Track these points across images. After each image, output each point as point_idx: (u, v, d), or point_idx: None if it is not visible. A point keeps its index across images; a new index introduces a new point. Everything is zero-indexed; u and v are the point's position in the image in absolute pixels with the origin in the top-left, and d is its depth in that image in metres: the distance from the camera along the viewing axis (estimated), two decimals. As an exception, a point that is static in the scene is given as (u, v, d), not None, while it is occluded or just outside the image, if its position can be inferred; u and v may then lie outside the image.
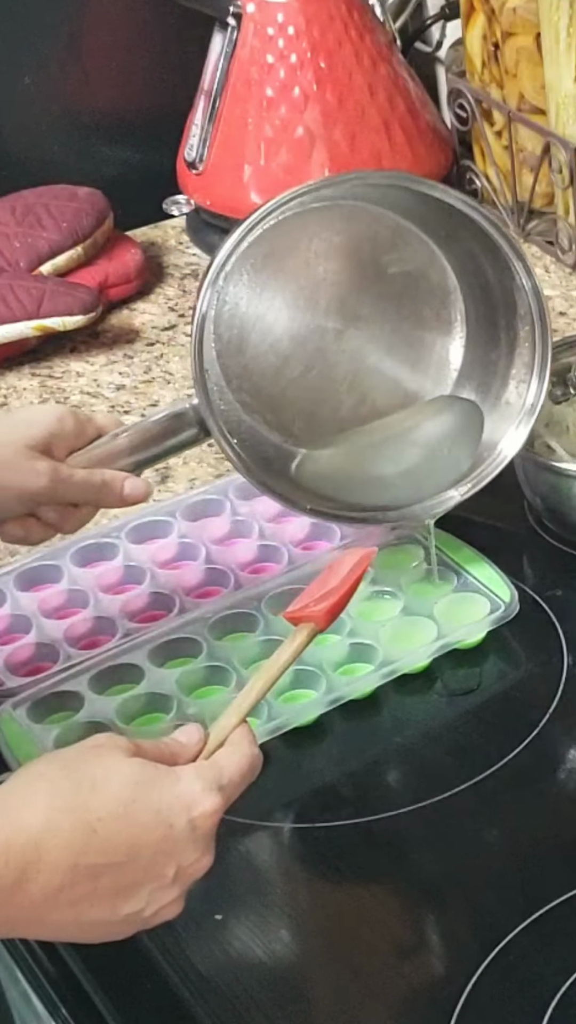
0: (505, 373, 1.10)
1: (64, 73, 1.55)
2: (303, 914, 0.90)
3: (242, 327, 1.06)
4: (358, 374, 1.10)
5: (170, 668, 1.03)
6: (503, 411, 1.09)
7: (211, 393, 1.02)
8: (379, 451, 1.09)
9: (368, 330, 1.10)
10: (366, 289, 1.09)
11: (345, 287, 1.09)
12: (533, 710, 1.00)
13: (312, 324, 1.08)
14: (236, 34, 1.45)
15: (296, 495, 1.06)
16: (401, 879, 0.92)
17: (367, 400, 1.10)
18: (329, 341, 1.09)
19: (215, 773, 0.80)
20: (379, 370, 1.10)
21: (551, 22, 1.36)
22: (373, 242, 1.08)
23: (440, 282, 1.11)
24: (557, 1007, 0.82)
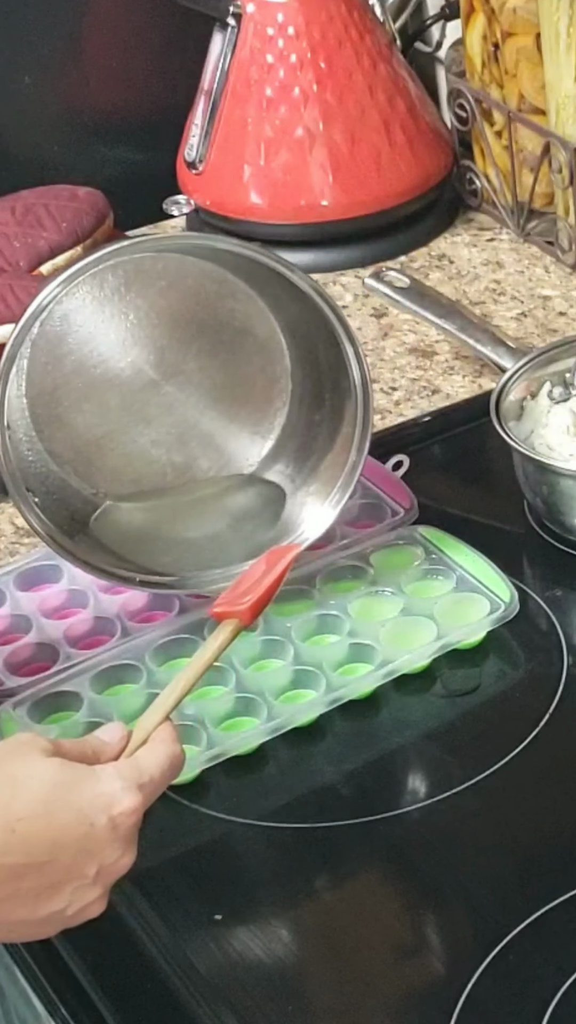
0: (327, 441, 1.08)
1: (64, 73, 1.55)
2: (303, 914, 0.90)
3: (56, 376, 1.06)
4: (175, 429, 1.09)
5: (170, 668, 1.03)
6: (319, 482, 1.08)
7: (18, 444, 1.02)
8: (180, 513, 1.08)
9: (189, 385, 1.09)
10: (188, 343, 1.08)
11: (165, 340, 1.07)
12: (533, 710, 1.00)
13: (130, 376, 1.07)
14: (236, 34, 1.45)
15: (95, 556, 1.05)
16: (401, 879, 0.92)
17: (181, 456, 1.09)
18: (148, 394, 1.08)
19: (135, 771, 0.81)
20: (197, 426, 1.09)
21: (551, 22, 1.36)
22: (197, 296, 1.07)
23: (267, 338, 1.09)
24: (557, 1007, 0.82)
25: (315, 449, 1.09)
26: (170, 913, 0.90)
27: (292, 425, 1.10)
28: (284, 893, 0.92)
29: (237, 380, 1.09)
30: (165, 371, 1.08)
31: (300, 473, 1.10)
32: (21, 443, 1.04)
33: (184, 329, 1.07)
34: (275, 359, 1.10)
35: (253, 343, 1.09)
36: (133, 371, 1.07)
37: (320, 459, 1.09)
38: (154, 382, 1.08)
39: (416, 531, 1.11)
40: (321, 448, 1.09)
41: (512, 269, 1.46)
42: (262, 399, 1.11)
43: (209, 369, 1.09)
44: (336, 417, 1.08)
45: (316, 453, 1.09)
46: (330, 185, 1.44)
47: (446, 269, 1.47)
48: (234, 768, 0.98)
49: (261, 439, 1.11)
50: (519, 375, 1.18)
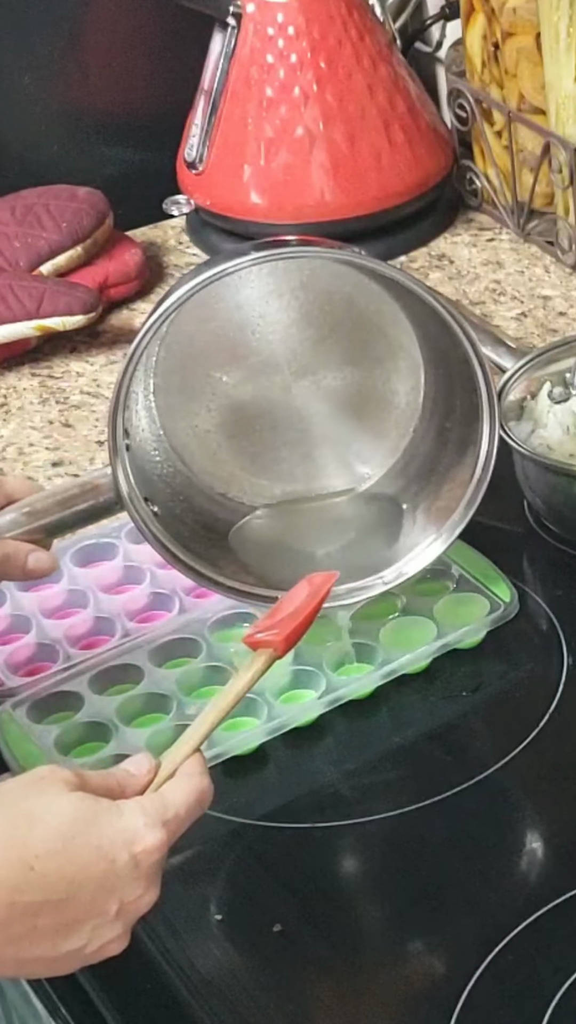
0: (449, 465, 1.05)
1: (64, 73, 1.55)
2: (303, 914, 0.90)
3: (186, 370, 1.03)
4: (304, 432, 1.06)
5: (170, 668, 1.03)
6: (435, 508, 1.05)
7: (143, 444, 1.01)
8: (307, 527, 1.06)
9: (319, 387, 1.06)
10: (321, 342, 1.05)
11: (298, 338, 1.04)
12: (533, 710, 1.00)
13: (261, 374, 1.05)
14: (236, 34, 1.45)
15: (216, 569, 1.03)
16: (401, 879, 0.92)
17: (308, 460, 1.07)
18: (278, 393, 1.05)
19: (160, 807, 0.79)
20: (326, 430, 1.07)
21: (551, 22, 1.36)
22: (331, 296, 1.04)
23: (401, 345, 1.05)
24: (557, 1007, 0.82)
25: (437, 472, 1.06)
26: (170, 913, 0.90)
27: (419, 441, 1.07)
28: (284, 893, 0.92)
29: (368, 385, 1.06)
30: (296, 370, 1.05)
31: (420, 495, 1.06)
32: (147, 442, 1.02)
33: (317, 328, 1.04)
34: (409, 368, 1.06)
35: (387, 347, 1.05)
36: (264, 369, 1.05)
37: (440, 484, 1.05)
38: (285, 381, 1.05)
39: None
40: (442, 472, 1.06)
41: (512, 269, 1.46)
42: (392, 409, 1.07)
43: (340, 372, 1.05)
44: (461, 443, 1.04)
45: (437, 476, 1.06)
46: (330, 185, 1.44)
47: (446, 269, 1.47)
48: (234, 768, 0.98)
49: (387, 452, 1.08)
50: (519, 375, 1.18)
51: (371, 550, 1.05)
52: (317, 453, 1.07)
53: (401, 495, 1.07)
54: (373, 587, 1.03)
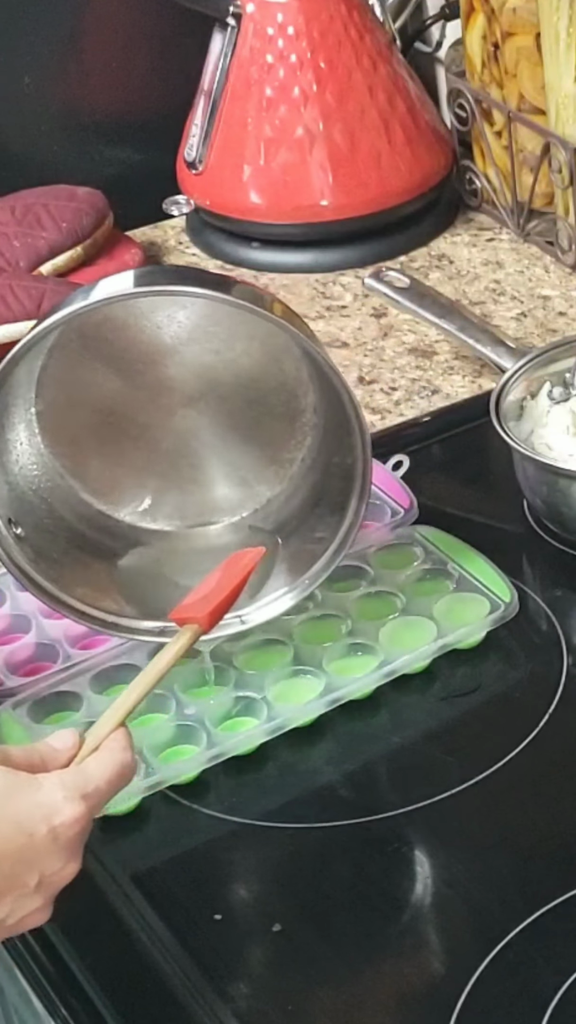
0: (330, 504, 1.03)
1: (64, 73, 1.55)
2: (303, 914, 0.90)
3: (71, 389, 1.02)
4: (190, 452, 1.05)
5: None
6: (304, 548, 1.04)
7: (20, 456, 1.01)
8: (188, 557, 1.05)
9: (208, 409, 1.04)
10: (211, 369, 1.02)
11: (183, 364, 1.02)
12: (533, 710, 1.00)
13: (148, 393, 1.03)
14: (236, 34, 1.45)
15: (84, 592, 1.02)
16: (401, 879, 0.92)
17: (194, 487, 1.06)
18: (163, 414, 1.03)
19: (80, 780, 0.79)
20: (212, 452, 1.05)
21: (551, 22, 1.36)
22: (219, 326, 1.01)
23: (291, 372, 1.02)
24: (557, 1007, 0.82)
25: (315, 513, 1.04)
26: (170, 913, 0.90)
27: (304, 473, 1.06)
28: (284, 893, 0.92)
29: (258, 413, 1.04)
30: (186, 395, 1.03)
31: (295, 533, 1.05)
32: (24, 455, 1.02)
33: (211, 356, 1.02)
34: (298, 393, 1.04)
35: (279, 377, 1.03)
36: (152, 389, 1.03)
37: (313, 527, 1.04)
38: (172, 404, 1.03)
39: (416, 531, 1.11)
40: (318, 515, 1.04)
41: (512, 269, 1.46)
42: (280, 436, 1.05)
43: (230, 398, 1.04)
44: (340, 491, 1.02)
45: (314, 518, 1.04)
46: (330, 185, 1.44)
47: (446, 269, 1.47)
48: (234, 768, 0.98)
49: (272, 480, 1.06)
50: (519, 375, 1.18)
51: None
52: (202, 476, 1.06)
53: (280, 530, 1.05)
54: (230, 625, 1.02)
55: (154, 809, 0.96)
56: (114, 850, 0.94)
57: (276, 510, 1.06)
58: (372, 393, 1.32)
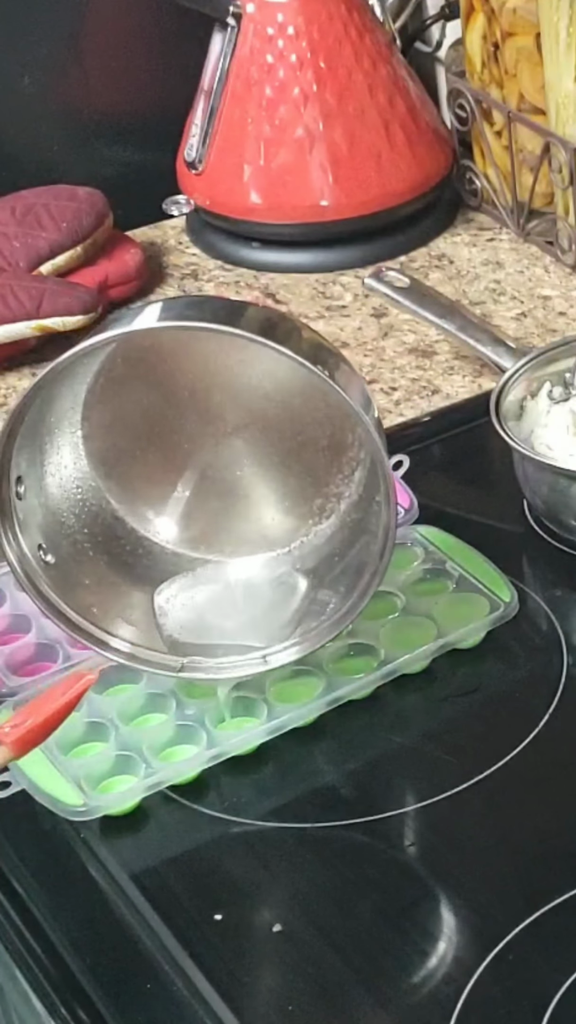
0: (357, 553, 1.00)
1: (64, 73, 1.55)
2: (303, 914, 0.90)
3: (116, 414, 1.01)
4: (230, 482, 1.03)
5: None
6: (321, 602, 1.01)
7: (50, 490, 0.99)
8: (224, 594, 1.03)
9: (251, 443, 1.02)
10: (253, 400, 1.00)
11: (237, 395, 1.00)
12: (533, 710, 1.00)
13: (190, 425, 1.01)
14: (236, 34, 1.45)
15: (114, 624, 1.00)
16: (401, 879, 0.92)
17: (233, 514, 1.04)
18: (209, 443, 1.02)
19: None
20: (252, 484, 1.03)
21: (551, 22, 1.36)
22: (266, 356, 0.97)
23: (337, 405, 0.99)
24: (557, 1007, 0.82)
25: (344, 559, 1.01)
26: (170, 913, 0.90)
27: (348, 510, 1.02)
28: (284, 893, 0.92)
29: (301, 444, 1.02)
30: (232, 424, 1.01)
31: (323, 578, 1.02)
32: (68, 479, 1.00)
33: (249, 385, 1.00)
34: (344, 427, 1.00)
35: (323, 407, 1.00)
36: (196, 419, 1.01)
37: (343, 574, 1.01)
38: (217, 433, 1.02)
39: (416, 531, 1.11)
40: (348, 562, 1.01)
41: (512, 269, 1.46)
42: (325, 469, 1.02)
43: (275, 430, 1.01)
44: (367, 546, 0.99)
45: (343, 564, 1.01)
46: (330, 185, 1.44)
47: (446, 269, 1.47)
48: (234, 768, 0.98)
49: (315, 514, 1.03)
50: (519, 375, 1.18)
51: (269, 624, 1.01)
52: (245, 506, 1.04)
53: (322, 567, 1.03)
54: (252, 665, 1.00)
55: (154, 809, 0.96)
56: (114, 850, 0.94)
57: (320, 545, 1.04)
58: (372, 393, 1.32)
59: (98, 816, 0.95)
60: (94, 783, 0.96)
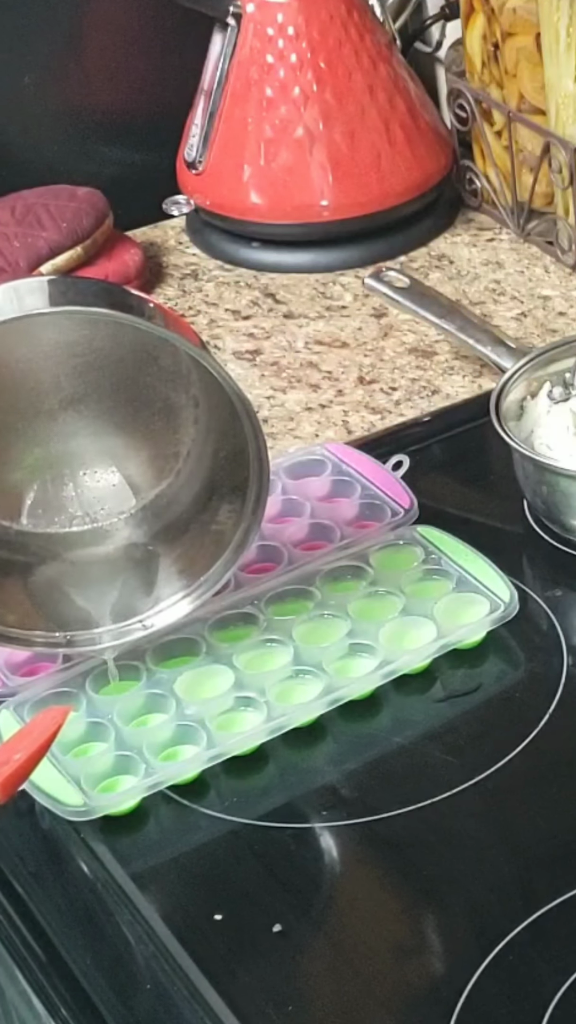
0: (215, 508, 1.02)
1: (64, 73, 1.55)
2: (303, 914, 0.90)
3: None
4: (72, 454, 1.03)
5: (170, 668, 1.03)
6: (189, 559, 1.02)
7: None
8: (84, 569, 1.04)
9: (86, 414, 1.01)
10: (83, 372, 1.00)
11: (63, 367, 1.00)
12: (533, 710, 1.00)
13: (23, 403, 1.00)
14: (236, 34, 1.45)
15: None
16: (401, 879, 0.92)
17: (79, 486, 1.04)
18: (42, 421, 1.01)
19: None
20: (95, 454, 1.03)
21: (551, 22, 1.36)
22: (91, 328, 0.98)
23: (170, 366, 1.00)
24: (557, 1007, 0.82)
25: (198, 520, 1.03)
26: (170, 913, 0.90)
27: (191, 468, 1.03)
28: (284, 893, 0.92)
29: (136, 409, 1.02)
30: (64, 398, 1.01)
31: (189, 529, 1.03)
32: None
33: (85, 357, 1.00)
34: (178, 388, 1.01)
35: (155, 371, 1.00)
36: (28, 397, 1.00)
37: (199, 535, 1.03)
38: (52, 408, 1.01)
39: (416, 531, 1.11)
40: (204, 521, 1.03)
41: (512, 269, 1.46)
42: (162, 431, 1.03)
43: (107, 396, 1.01)
44: (229, 495, 1.01)
45: (196, 526, 1.03)
46: (330, 185, 1.44)
47: (446, 269, 1.47)
48: (234, 768, 0.98)
49: (157, 476, 1.04)
50: (519, 375, 1.18)
51: (132, 593, 1.03)
52: (89, 476, 1.04)
53: (172, 527, 1.04)
54: (134, 631, 1.02)
55: (154, 809, 0.96)
56: (114, 850, 0.94)
57: (166, 506, 1.04)
58: (372, 393, 1.32)
59: (98, 816, 0.95)
60: (94, 783, 0.96)
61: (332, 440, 1.25)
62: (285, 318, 1.43)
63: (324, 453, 1.19)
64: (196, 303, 1.46)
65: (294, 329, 1.41)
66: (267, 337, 1.40)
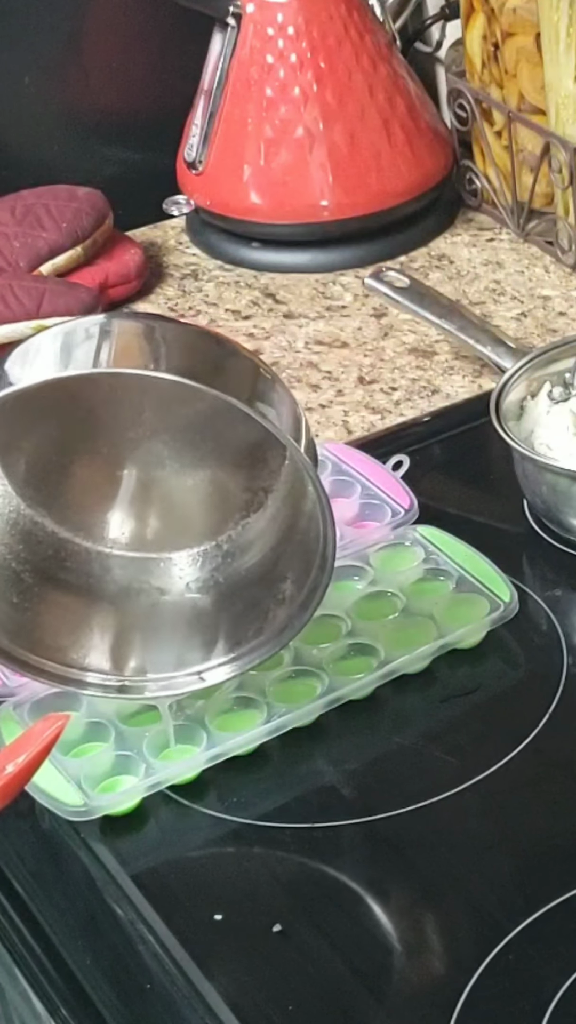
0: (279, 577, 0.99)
1: (64, 73, 1.55)
2: (302, 914, 0.90)
3: (29, 421, 0.97)
4: (153, 482, 1.00)
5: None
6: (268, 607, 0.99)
7: None
8: (150, 614, 1.02)
9: (171, 445, 0.99)
10: (171, 403, 0.97)
11: (144, 400, 0.97)
12: (533, 710, 1.00)
13: (108, 427, 0.98)
14: (236, 34, 1.45)
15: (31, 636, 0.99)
16: (401, 879, 0.92)
17: (156, 517, 1.02)
18: (126, 447, 0.99)
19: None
20: (177, 483, 1.01)
21: (551, 22, 1.36)
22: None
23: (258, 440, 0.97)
24: (557, 1007, 0.82)
25: (261, 584, 1.00)
26: (170, 913, 0.90)
27: (272, 514, 1.00)
28: (284, 893, 0.92)
29: (223, 448, 0.99)
30: (146, 429, 0.99)
31: (234, 598, 1.01)
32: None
33: (167, 389, 0.95)
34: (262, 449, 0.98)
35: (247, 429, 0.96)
36: (114, 422, 0.98)
37: (257, 601, 0.99)
38: (134, 439, 0.99)
39: (416, 531, 1.11)
40: (265, 587, 0.99)
41: (512, 269, 1.46)
42: (248, 468, 1.00)
43: (193, 428, 0.98)
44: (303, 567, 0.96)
45: (257, 589, 1.00)
46: (330, 185, 1.44)
47: (446, 269, 1.47)
48: (234, 768, 0.98)
49: (227, 521, 1.01)
50: (519, 375, 1.18)
51: (187, 645, 1.01)
52: (168, 505, 1.02)
53: (243, 576, 1.01)
54: (187, 684, 0.99)
55: (154, 809, 0.96)
56: (114, 850, 0.94)
57: (234, 554, 1.01)
58: (372, 393, 1.32)
59: (98, 816, 0.95)
60: (94, 783, 0.96)
61: (332, 440, 1.25)
62: (285, 318, 1.43)
63: (324, 453, 1.19)
64: (196, 303, 1.46)
65: (294, 329, 1.41)
66: (267, 337, 1.40)
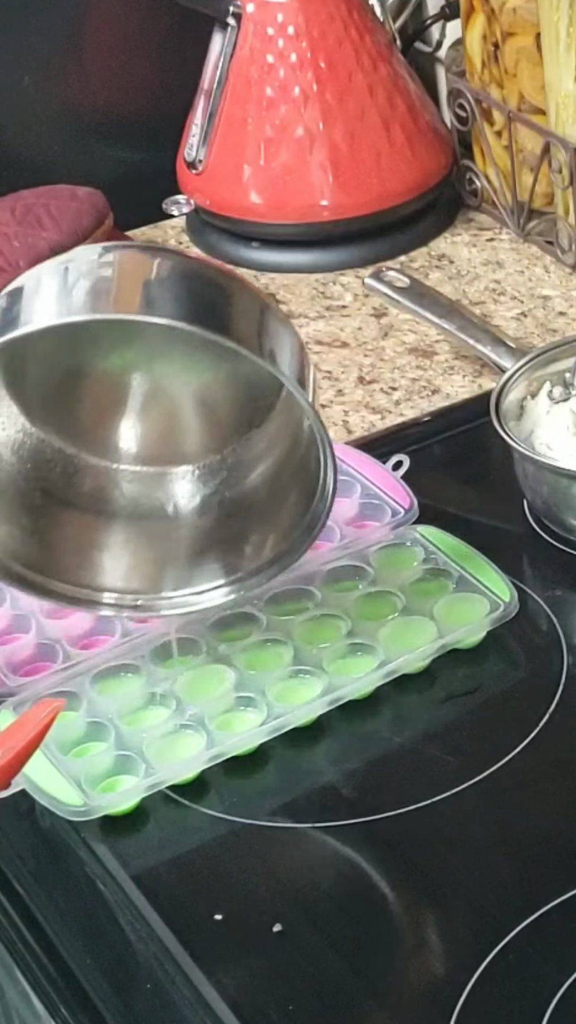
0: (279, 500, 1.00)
1: (64, 73, 1.55)
2: (303, 914, 0.90)
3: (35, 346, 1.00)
4: (161, 397, 1.02)
5: (170, 667, 1.03)
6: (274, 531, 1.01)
7: None
8: (157, 529, 1.03)
9: (179, 362, 1.00)
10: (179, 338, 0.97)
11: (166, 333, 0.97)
12: (533, 710, 1.00)
13: (114, 346, 1.00)
14: (236, 34, 1.45)
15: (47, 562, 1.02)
16: (401, 879, 0.92)
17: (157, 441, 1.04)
18: (133, 363, 1.01)
19: None
20: (186, 399, 1.02)
21: (551, 22, 1.36)
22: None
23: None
24: (557, 1007, 0.82)
25: (265, 502, 1.02)
26: (170, 913, 0.90)
27: (265, 444, 1.02)
28: (284, 893, 0.92)
29: (231, 363, 1.00)
30: (152, 348, 1.00)
31: (238, 516, 1.03)
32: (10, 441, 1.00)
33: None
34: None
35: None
36: (121, 340, 1.00)
37: (261, 521, 1.02)
38: (137, 359, 1.00)
39: (416, 531, 1.11)
40: (270, 505, 1.02)
41: (512, 269, 1.46)
42: (252, 382, 1.01)
43: (202, 346, 0.98)
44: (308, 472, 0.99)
45: (262, 508, 1.02)
46: (330, 185, 1.44)
47: (446, 269, 1.47)
48: (234, 768, 0.98)
49: (233, 434, 1.03)
50: (519, 375, 1.18)
51: (198, 562, 1.02)
52: (178, 419, 1.03)
53: (247, 496, 1.03)
54: (201, 603, 1.02)
55: (154, 809, 0.97)
56: (114, 850, 0.94)
57: (247, 464, 1.03)
58: (372, 393, 1.32)
59: (98, 816, 0.95)
60: (94, 783, 0.96)
61: (332, 440, 1.25)
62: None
63: (324, 453, 1.19)
64: (196, 303, 1.46)
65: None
66: (267, 337, 1.40)
